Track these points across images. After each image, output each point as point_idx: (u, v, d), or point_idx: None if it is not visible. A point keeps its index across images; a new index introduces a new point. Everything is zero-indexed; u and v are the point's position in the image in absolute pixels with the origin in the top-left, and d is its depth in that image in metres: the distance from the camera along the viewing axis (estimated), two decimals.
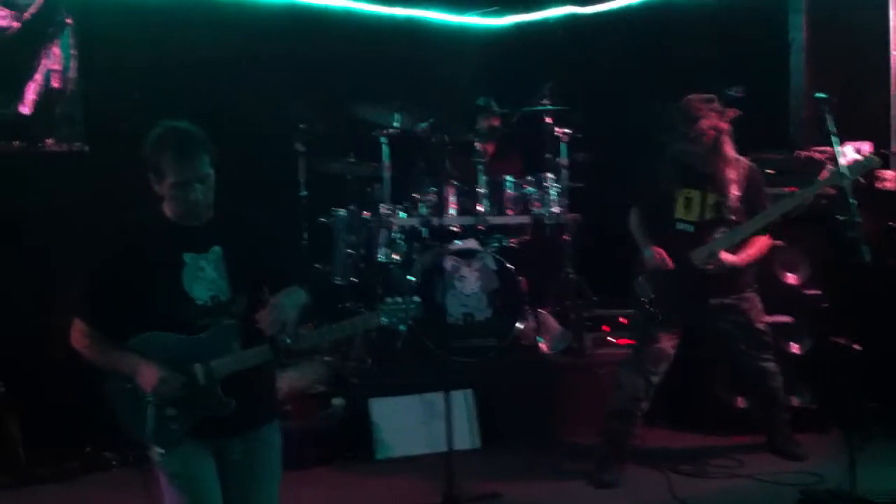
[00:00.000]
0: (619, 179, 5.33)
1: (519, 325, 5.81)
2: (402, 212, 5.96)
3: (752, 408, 5.25)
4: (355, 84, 6.78)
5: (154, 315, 2.98)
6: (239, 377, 3.01)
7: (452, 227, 5.93)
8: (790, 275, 5.45)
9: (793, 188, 4.94)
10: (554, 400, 5.59)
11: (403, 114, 6.01)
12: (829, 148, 4.29)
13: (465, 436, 5.22)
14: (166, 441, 2.99)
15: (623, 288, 4.93)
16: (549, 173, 6.04)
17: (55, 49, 5.85)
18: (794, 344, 5.41)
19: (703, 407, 5.47)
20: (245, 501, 3.12)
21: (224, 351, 3.00)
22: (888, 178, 5.61)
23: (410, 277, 5.71)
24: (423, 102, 6.08)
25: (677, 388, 5.09)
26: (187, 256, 3.01)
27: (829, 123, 4.14)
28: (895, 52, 6.08)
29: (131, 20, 5.99)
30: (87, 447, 5.05)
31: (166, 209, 3.05)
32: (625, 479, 4.74)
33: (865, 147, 5.39)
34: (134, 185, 3.07)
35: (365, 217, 6.17)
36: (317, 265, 6.32)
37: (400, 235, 6.04)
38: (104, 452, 5.03)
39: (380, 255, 6.05)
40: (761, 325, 4.86)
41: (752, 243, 4.64)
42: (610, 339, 6.12)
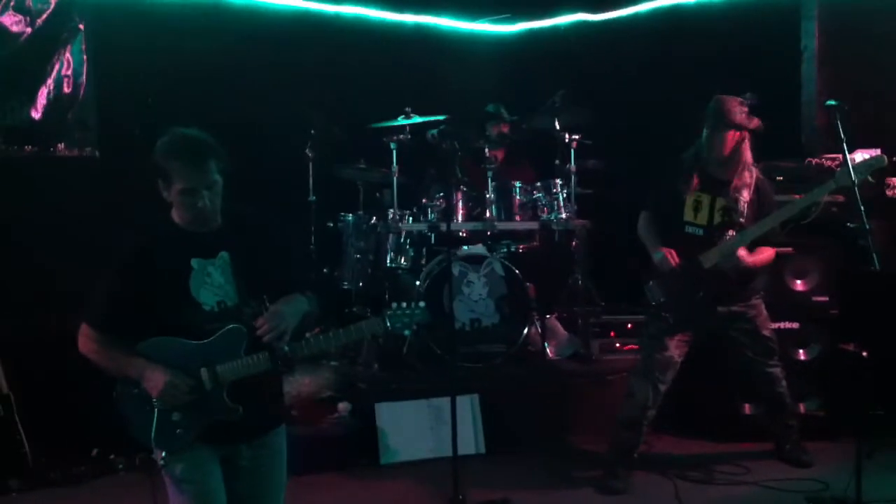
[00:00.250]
0: (628, 186, 5.32)
1: (526, 330, 5.81)
2: (411, 217, 5.98)
3: (759, 415, 5.24)
4: (366, 90, 6.81)
5: (161, 320, 3.00)
6: (245, 383, 3.02)
7: (461, 233, 5.94)
8: (799, 282, 5.43)
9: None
10: (561, 406, 5.57)
11: (413, 120, 6.03)
12: (840, 155, 4.28)
13: (470, 441, 5.23)
14: (173, 446, 3.00)
15: (631, 294, 4.92)
16: (558, 179, 6.05)
17: (67, 55, 5.90)
18: (802, 351, 5.39)
19: (710, 414, 5.45)
20: None
21: (231, 356, 3.01)
22: None
23: (418, 283, 5.72)
24: (434, 109, 6.10)
25: (685, 395, 5.07)
26: (195, 262, 3.02)
27: (841, 131, 4.15)
28: None
29: (143, 26, 6.04)
30: (94, 451, 5.06)
31: (175, 215, 3.06)
32: (632, 485, 4.74)
33: (876, 154, 5.36)
34: (145, 190, 3.09)
35: (374, 222, 6.19)
36: (325, 270, 6.35)
37: (408, 241, 6.05)
38: (112, 456, 5.04)
39: (388, 261, 6.07)
40: (768, 332, 4.87)
41: (760, 251, 4.64)
42: (617, 345, 6.12)
